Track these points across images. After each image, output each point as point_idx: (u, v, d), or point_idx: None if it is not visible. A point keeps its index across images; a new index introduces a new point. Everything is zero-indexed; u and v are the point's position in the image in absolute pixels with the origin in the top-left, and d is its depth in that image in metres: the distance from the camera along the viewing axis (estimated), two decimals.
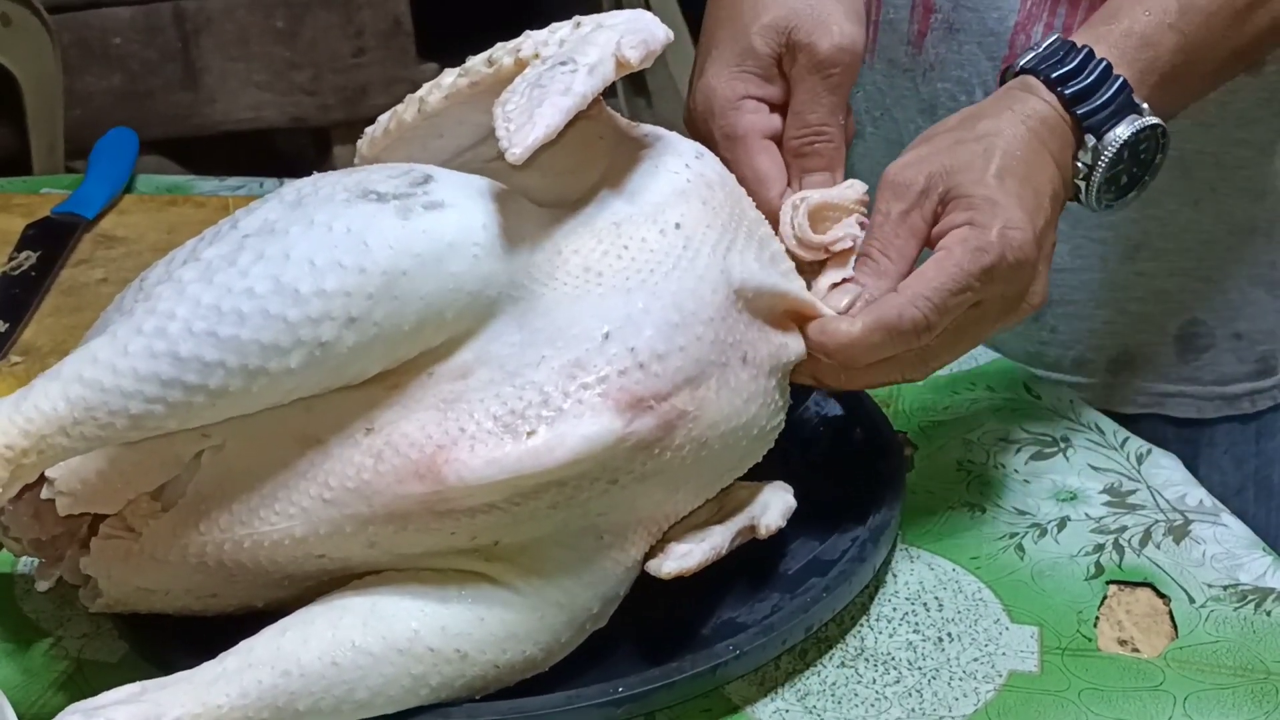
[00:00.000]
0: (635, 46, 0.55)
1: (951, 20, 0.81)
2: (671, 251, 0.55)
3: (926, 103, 0.83)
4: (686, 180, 0.58)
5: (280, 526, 0.53)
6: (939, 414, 0.77)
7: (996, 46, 0.80)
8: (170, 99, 2.02)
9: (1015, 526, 0.68)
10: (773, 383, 0.58)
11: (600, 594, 0.57)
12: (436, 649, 0.53)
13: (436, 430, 0.52)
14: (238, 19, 2.01)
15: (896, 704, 0.58)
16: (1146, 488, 0.71)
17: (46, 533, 0.56)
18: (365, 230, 0.51)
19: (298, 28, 2.03)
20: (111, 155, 1.05)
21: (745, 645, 0.57)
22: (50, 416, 0.48)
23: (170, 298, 0.50)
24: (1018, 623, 0.62)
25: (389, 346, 0.52)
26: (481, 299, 0.53)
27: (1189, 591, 0.64)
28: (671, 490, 0.57)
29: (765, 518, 0.60)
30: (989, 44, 0.80)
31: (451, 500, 0.52)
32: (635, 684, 0.55)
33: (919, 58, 0.82)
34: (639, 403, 0.52)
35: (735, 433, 0.56)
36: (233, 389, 0.50)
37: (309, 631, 0.52)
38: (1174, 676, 0.59)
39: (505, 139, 0.51)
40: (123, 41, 1.99)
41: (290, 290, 0.49)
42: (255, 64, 2.03)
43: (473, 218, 0.53)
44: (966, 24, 0.80)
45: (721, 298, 0.55)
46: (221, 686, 0.51)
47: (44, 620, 0.62)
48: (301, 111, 2.07)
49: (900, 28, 0.82)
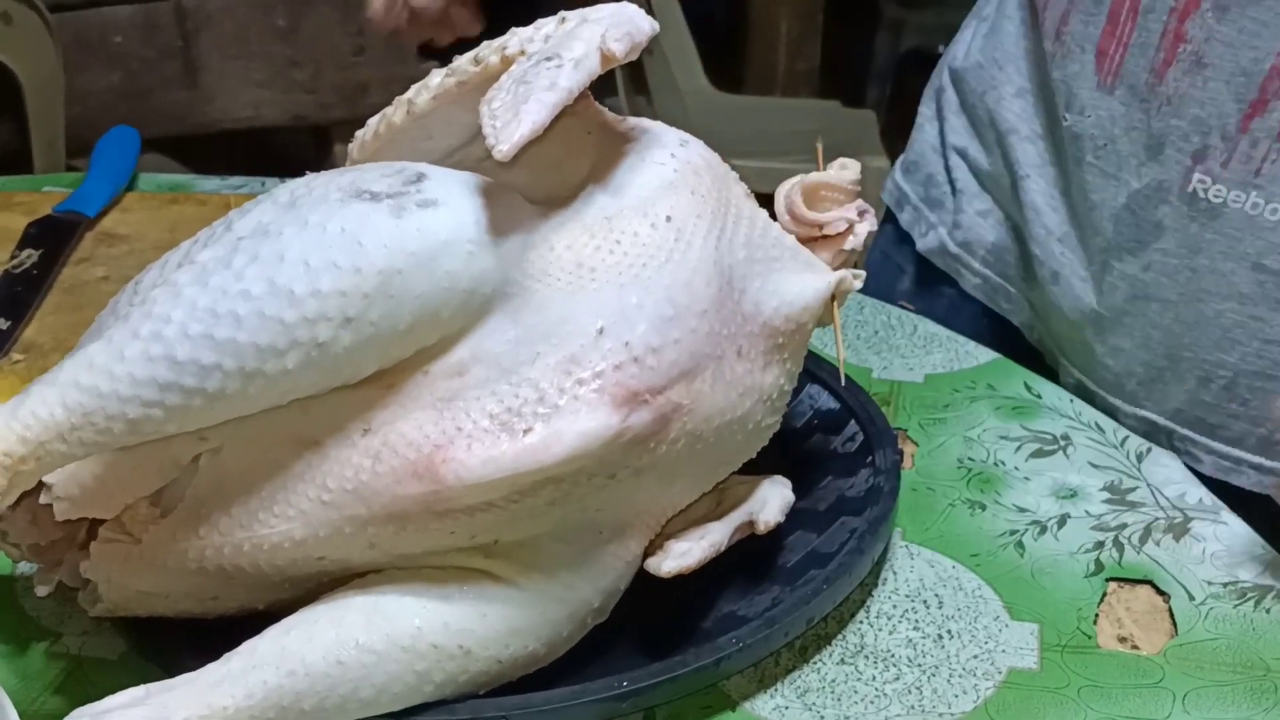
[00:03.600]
0: (620, 39, 0.55)
1: (1201, 53, 0.74)
2: (664, 245, 0.55)
3: (1155, 139, 0.77)
4: (674, 170, 0.58)
5: (279, 529, 0.53)
6: (939, 411, 0.77)
7: (1246, 88, 0.73)
8: (170, 97, 2.02)
9: (1015, 524, 0.68)
10: (768, 377, 0.58)
11: (601, 588, 0.57)
12: (440, 645, 0.53)
13: (433, 429, 0.52)
14: (238, 17, 2.01)
15: (896, 701, 0.58)
16: (1146, 485, 0.71)
17: (45, 538, 0.56)
18: (359, 230, 0.51)
19: (298, 26, 2.03)
20: (113, 153, 1.05)
21: (747, 638, 0.57)
22: (47, 422, 0.48)
23: (166, 301, 0.50)
24: (1017, 620, 0.62)
25: (385, 346, 0.52)
26: (476, 296, 0.53)
27: (1189, 589, 0.64)
28: (668, 484, 0.57)
29: (764, 513, 0.60)
30: (1238, 84, 0.73)
31: (450, 499, 0.52)
32: (639, 678, 0.55)
33: (1158, 88, 0.76)
34: (634, 397, 0.52)
35: (730, 426, 0.56)
36: (230, 391, 0.50)
37: (313, 631, 0.52)
38: (1174, 673, 0.59)
39: (491, 136, 0.51)
40: (123, 39, 1.99)
41: (285, 291, 0.49)
42: (255, 62, 2.03)
43: (466, 215, 0.53)
44: (1217, 59, 0.74)
45: (715, 290, 0.55)
46: (226, 688, 0.51)
47: (44, 618, 0.62)
48: (301, 109, 2.08)
49: (1148, 53, 0.76)
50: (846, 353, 0.82)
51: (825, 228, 0.63)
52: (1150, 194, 0.78)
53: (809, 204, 0.63)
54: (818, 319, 0.61)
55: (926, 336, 0.85)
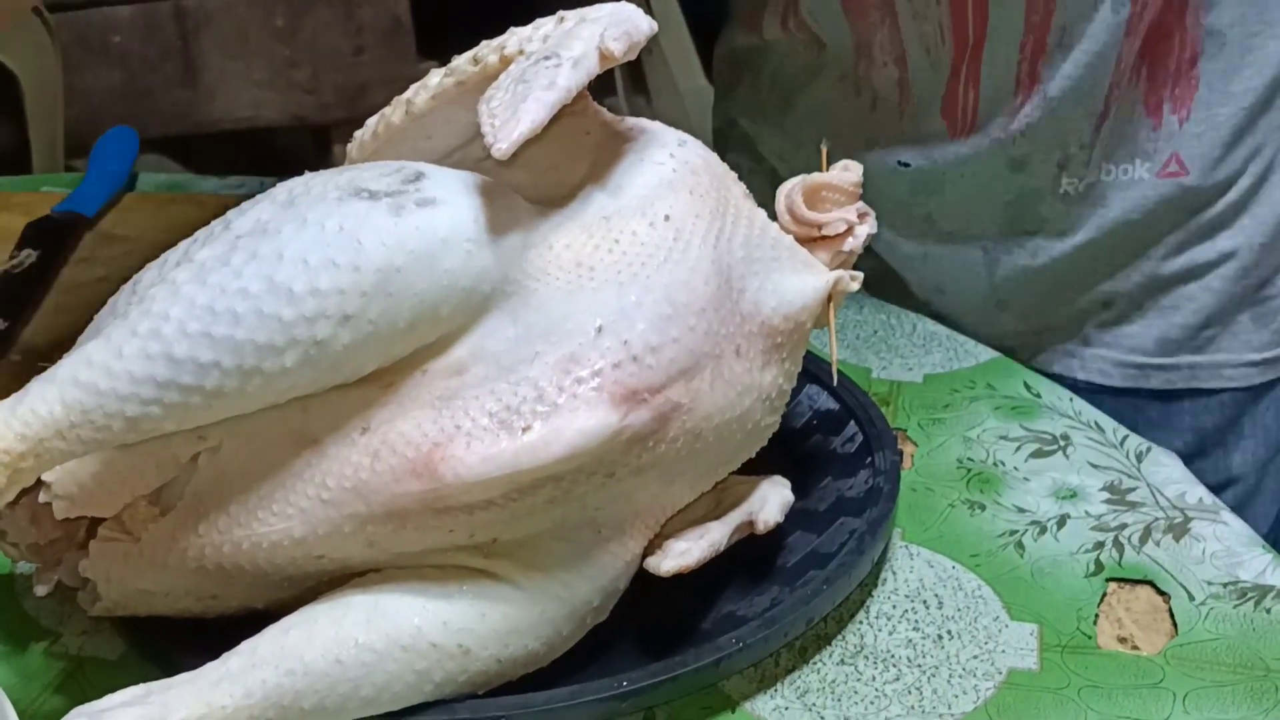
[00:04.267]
0: (618, 38, 0.55)
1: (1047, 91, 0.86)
2: (662, 244, 0.55)
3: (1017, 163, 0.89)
4: (672, 170, 0.58)
5: (278, 527, 0.53)
6: (938, 412, 0.77)
7: (1092, 105, 0.86)
8: (170, 97, 2.02)
9: (1015, 524, 0.68)
10: (767, 376, 0.58)
11: (600, 587, 0.57)
12: (439, 645, 0.53)
13: (432, 428, 0.52)
14: (237, 16, 2.01)
15: (896, 701, 0.58)
16: (1146, 485, 0.71)
17: (44, 537, 0.56)
18: (358, 228, 0.51)
19: (297, 26, 2.03)
20: (112, 153, 1.05)
21: (747, 638, 0.57)
22: (46, 420, 0.48)
23: (164, 299, 0.50)
24: (1017, 620, 0.62)
25: (384, 344, 0.52)
26: (475, 295, 0.53)
27: (1188, 589, 0.64)
28: (667, 483, 0.57)
29: (763, 513, 0.60)
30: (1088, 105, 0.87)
31: (449, 498, 0.52)
32: (639, 678, 0.55)
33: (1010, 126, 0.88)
34: (633, 395, 0.52)
35: (729, 425, 0.56)
36: (229, 389, 0.50)
37: (312, 630, 0.52)
38: (1174, 674, 0.59)
39: (490, 135, 0.51)
40: (122, 39, 1.99)
41: (284, 289, 0.49)
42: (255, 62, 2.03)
43: (465, 214, 0.53)
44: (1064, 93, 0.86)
45: (714, 288, 0.55)
46: (226, 687, 0.51)
47: (43, 618, 0.62)
48: (301, 109, 2.07)
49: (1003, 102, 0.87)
50: (845, 353, 0.83)
51: (825, 228, 0.63)
52: (1024, 199, 0.89)
53: (809, 204, 0.63)
54: (816, 319, 0.61)
55: (926, 336, 0.85)
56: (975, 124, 0.88)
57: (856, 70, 0.91)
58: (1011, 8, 0.83)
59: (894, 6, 0.86)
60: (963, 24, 0.85)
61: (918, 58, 0.87)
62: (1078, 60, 0.84)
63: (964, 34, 0.85)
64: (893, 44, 0.88)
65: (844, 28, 0.89)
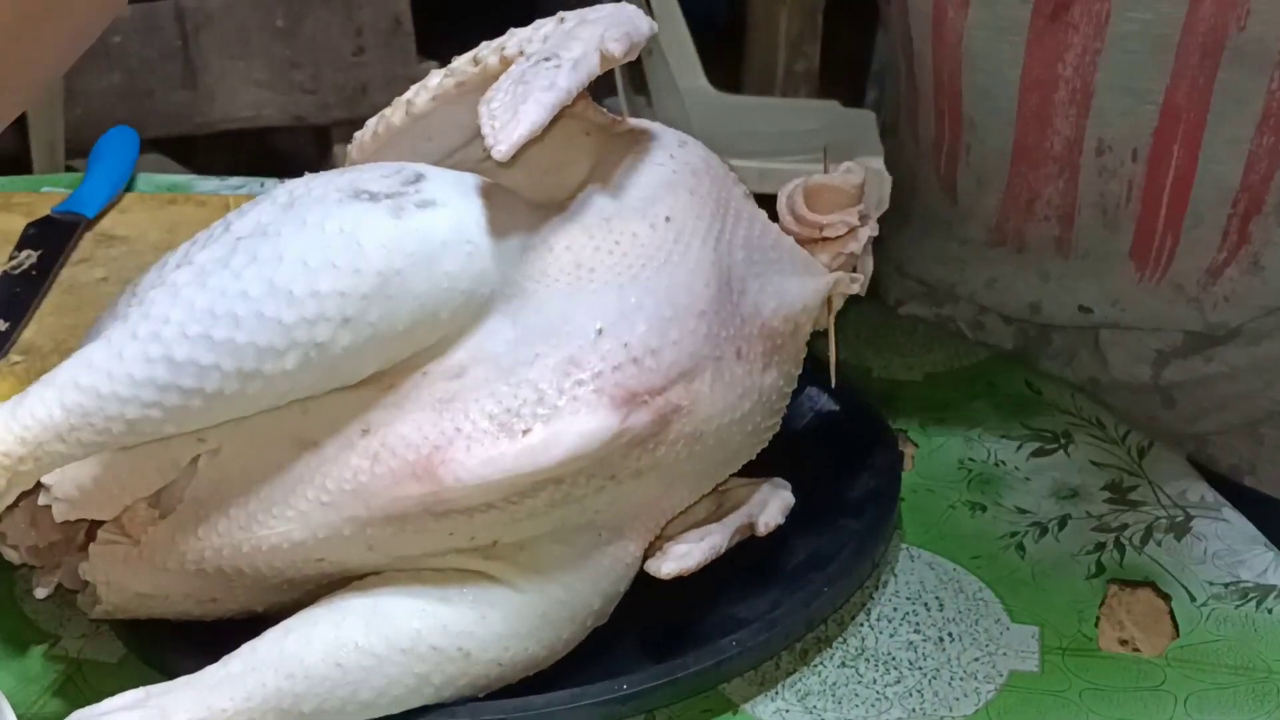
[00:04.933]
0: (619, 40, 0.55)
1: (1259, 256, 0.74)
2: (663, 246, 0.55)
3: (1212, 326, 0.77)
4: (672, 171, 0.58)
5: (278, 530, 0.53)
6: (939, 411, 0.77)
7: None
8: (170, 97, 2.01)
9: (1016, 525, 0.68)
10: (768, 378, 0.58)
11: (601, 590, 0.57)
12: (439, 648, 0.53)
13: (432, 431, 0.52)
14: (238, 17, 2.01)
15: (897, 704, 0.58)
16: (1148, 482, 0.71)
17: (44, 539, 0.56)
18: (358, 230, 0.50)
19: (298, 26, 2.03)
20: (112, 154, 1.05)
21: (748, 641, 0.57)
22: (46, 423, 0.48)
23: (164, 302, 0.49)
24: (1018, 622, 0.62)
25: (384, 346, 0.52)
26: (475, 297, 0.53)
27: (1190, 590, 0.64)
28: (668, 485, 0.57)
29: (764, 515, 0.60)
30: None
31: (449, 501, 0.52)
32: (639, 681, 0.55)
33: (1212, 288, 0.76)
34: (634, 398, 0.52)
35: (730, 427, 0.56)
36: (229, 392, 0.49)
37: (312, 633, 0.52)
38: (1175, 676, 0.59)
39: (490, 136, 0.51)
40: (122, 39, 1.98)
41: (284, 292, 0.49)
42: (255, 62, 2.03)
43: (465, 215, 0.53)
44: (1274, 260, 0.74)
45: (714, 290, 0.55)
46: (226, 690, 0.51)
47: (43, 621, 0.62)
48: (301, 110, 2.07)
49: (1203, 256, 0.75)
50: (845, 353, 0.82)
51: (825, 230, 0.62)
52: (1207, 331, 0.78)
53: (811, 205, 0.63)
54: (816, 320, 0.61)
55: (926, 335, 0.85)
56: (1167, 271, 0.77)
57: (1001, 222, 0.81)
58: (1222, 174, 0.72)
59: (1076, 160, 0.76)
60: (1159, 184, 0.74)
61: (1090, 217, 0.77)
62: None
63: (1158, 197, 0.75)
64: (1064, 198, 0.77)
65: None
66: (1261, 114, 0.69)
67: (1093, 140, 0.74)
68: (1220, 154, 0.72)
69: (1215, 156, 0.72)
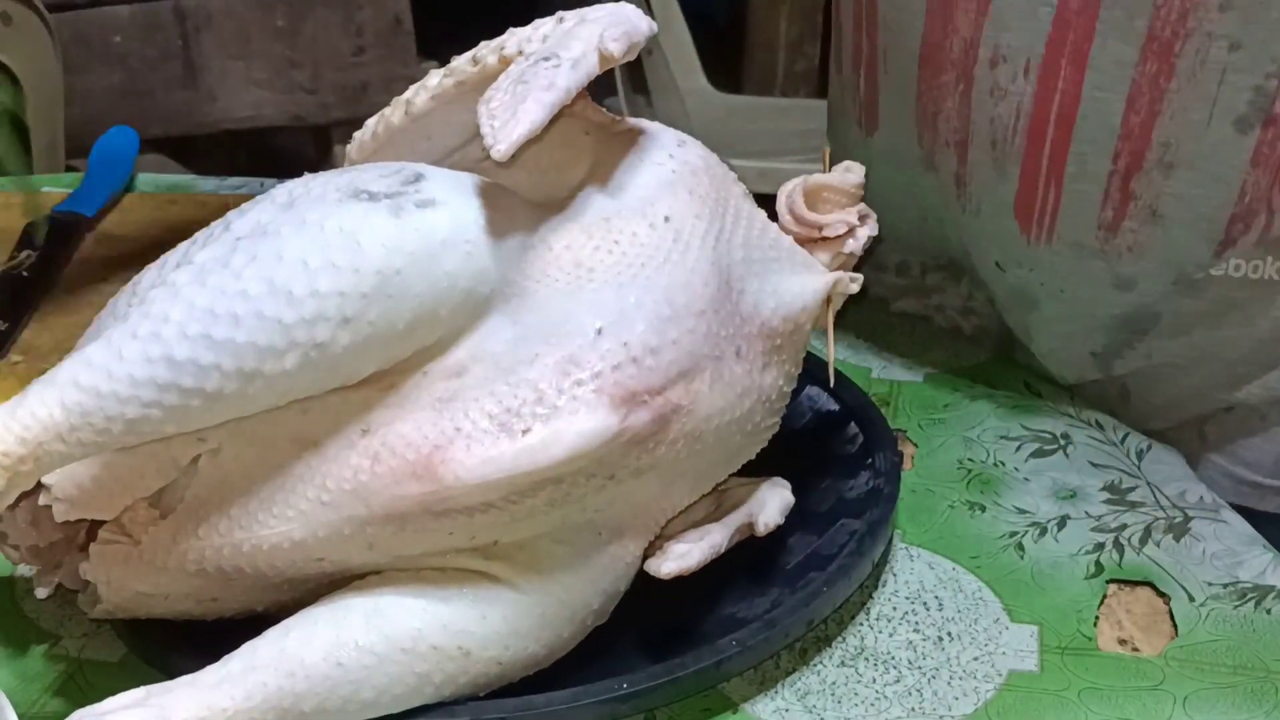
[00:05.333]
0: (618, 39, 0.55)
1: (1156, 206, 0.72)
2: (662, 245, 0.55)
3: (1124, 279, 0.75)
4: (672, 171, 0.58)
5: (278, 530, 0.53)
6: (939, 412, 0.77)
7: (1212, 231, 0.71)
8: (170, 97, 2.01)
9: (1015, 525, 0.68)
10: (767, 378, 0.58)
11: (600, 589, 0.57)
12: (440, 647, 0.53)
13: (432, 430, 0.52)
14: (238, 17, 2.01)
15: (896, 703, 0.58)
16: (1147, 484, 0.71)
17: (44, 539, 0.56)
18: (358, 229, 0.51)
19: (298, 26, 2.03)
20: (112, 154, 1.05)
21: (748, 640, 0.57)
22: (46, 423, 0.48)
23: (164, 301, 0.50)
24: (1017, 622, 0.62)
25: (384, 346, 0.52)
26: (475, 296, 0.53)
27: (1189, 590, 0.64)
28: (667, 485, 0.57)
29: (764, 514, 0.60)
30: (1203, 228, 0.71)
31: (449, 500, 0.52)
32: (639, 680, 0.55)
33: (1114, 240, 0.73)
34: (633, 397, 0.52)
35: (729, 426, 0.56)
36: (229, 391, 0.50)
37: (312, 633, 0.52)
38: (1174, 675, 0.59)
39: (490, 136, 0.51)
40: (123, 39, 1.99)
41: (284, 291, 0.49)
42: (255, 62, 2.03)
43: (465, 215, 0.53)
44: (1173, 211, 0.72)
45: (713, 290, 0.55)
46: (226, 689, 0.51)
47: (44, 620, 0.62)
48: (301, 110, 2.07)
49: (1090, 213, 0.73)
50: (846, 353, 0.82)
51: (825, 229, 0.63)
52: (1130, 313, 0.76)
53: (810, 205, 0.63)
54: (815, 320, 0.61)
55: (926, 336, 0.85)
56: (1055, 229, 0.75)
57: (921, 143, 0.80)
58: (1107, 105, 0.70)
59: (971, 70, 0.74)
60: (1044, 113, 0.72)
61: (980, 153, 0.76)
62: (1187, 180, 0.71)
63: (1043, 128, 0.73)
64: (960, 119, 0.76)
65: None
66: (1146, 34, 0.68)
67: (989, 47, 0.73)
68: (1106, 77, 0.70)
69: (1100, 82, 0.70)
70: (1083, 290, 0.76)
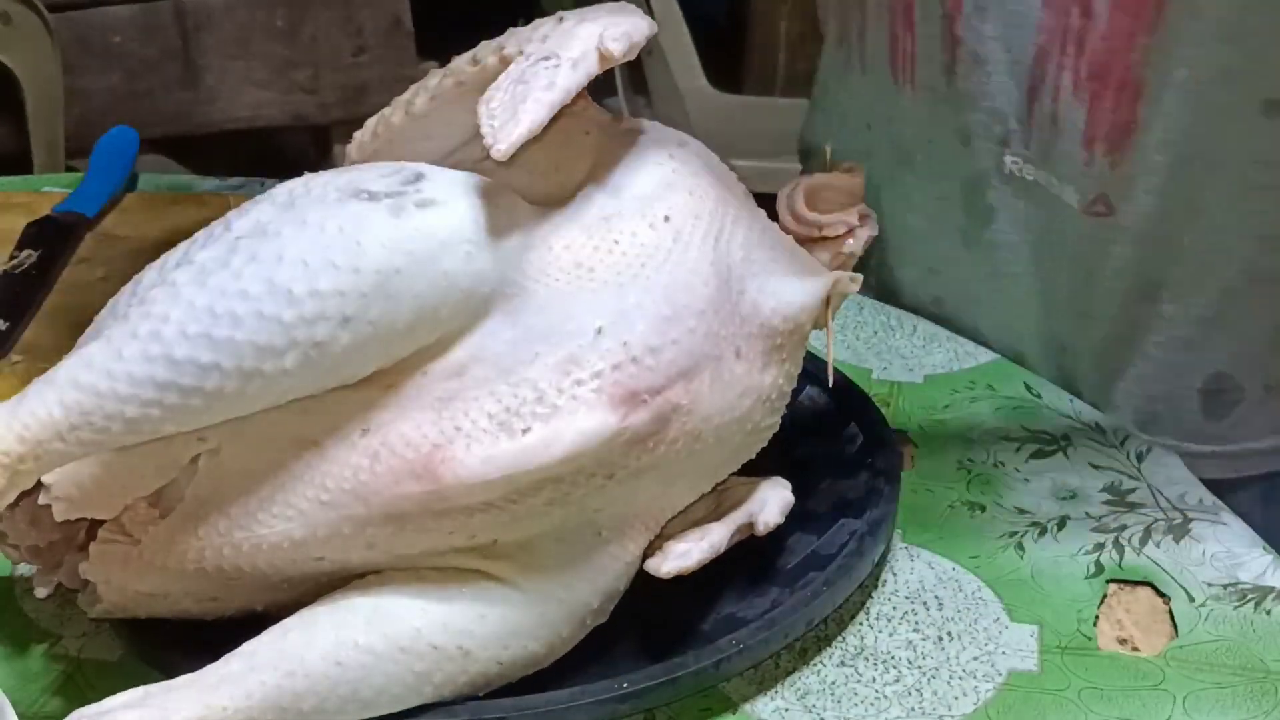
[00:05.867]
0: (618, 39, 0.55)
1: (977, 51, 0.78)
2: (662, 245, 0.55)
3: (963, 134, 0.81)
4: (672, 170, 0.58)
5: (278, 529, 0.53)
6: (939, 413, 0.77)
7: (1023, 76, 0.78)
8: (170, 97, 2.02)
9: (1015, 525, 0.68)
10: (767, 377, 0.58)
11: (600, 589, 0.57)
12: (439, 646, 0.53)
13: (432, 430, 0.52)
14: (238, 17, 2.01)
15: (896, 703, 0.58)
16: (1147, 486, 0.71)
17: (44, 539, 0.56)
18: (358, 229, 0.51)
19: (298, 26, 2.03)
20: (112, 153, 1.05)
21: (747, 640, 0.57)
22: (46, 422, 0.48)
23: (164, 301, 0.50)
24: (1017, 622, 0.62)
25: (384, 345, 0.52)
26: (475, 296, 0.53)
27: (1189, 590, 0.64)
28: (667, 484, 0.57)
29: (763, 514, 0.60)
30: (1017, 73, 0.78)
31: (449, 499, 0.52)
32: (639, 680, 0.55)
33: (953, 86, 0.80)
34: (633, 397, 0.52)
35: (729, 426, 0.56)
36: (228, 391, 0.49)
37: (312, 632, 0.52)
38: (1174, 675, 0.59)
39: (490, 136, 0.51)
40: (123, 40, 1.99)
41: (284, 291, 0.49)
42: (255, 62, 2.03)
43: (465, 215, 0.53)
44: (992, 54, 0.78)
45: (713, 290, 0.55)
46: (226, 689, 0.51)
47: (43, 620, 0.62)
48: (301, 110, 2.07)
49: (935, 58, 0.80)
50: (846, 354, 0.82)
51: (825, 229, 0.63)
52: (976, 182, 0.82)
53: (810, 205, 0.63)
54: (815, 320, 0.61)
55: (926, 336, 0.85)
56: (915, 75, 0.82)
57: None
58: None
59: None
60: None
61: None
62: (997, 18, 0.77)
63: None
64: None
65: None
66: None
67: None
68: None
69: None
70: (940, 143, 0.82)
